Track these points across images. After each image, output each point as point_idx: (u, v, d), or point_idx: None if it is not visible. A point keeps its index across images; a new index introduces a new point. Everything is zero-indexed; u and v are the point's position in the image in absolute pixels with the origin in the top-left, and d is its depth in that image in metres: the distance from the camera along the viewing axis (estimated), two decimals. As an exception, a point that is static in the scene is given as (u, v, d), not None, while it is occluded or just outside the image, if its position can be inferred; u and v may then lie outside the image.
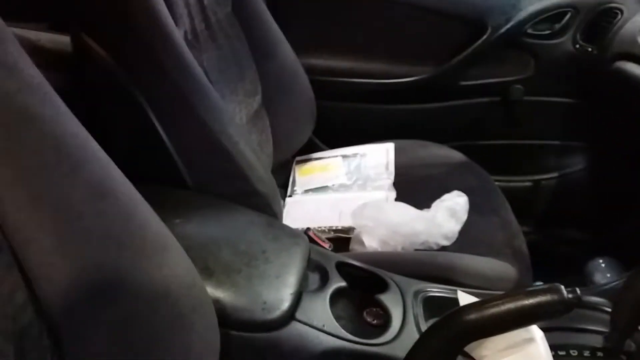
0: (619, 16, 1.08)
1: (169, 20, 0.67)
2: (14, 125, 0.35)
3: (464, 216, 0.86)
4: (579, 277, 1.15)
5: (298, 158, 1.21)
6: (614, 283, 0.80)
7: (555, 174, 1.27)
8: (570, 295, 0.46)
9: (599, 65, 1.10)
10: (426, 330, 0.52)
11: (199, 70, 0.69)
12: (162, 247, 0.44)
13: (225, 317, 0.52)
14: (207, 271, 0.54)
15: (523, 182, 1.27)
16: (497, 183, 1.18)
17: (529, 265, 0.83)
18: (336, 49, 1.24)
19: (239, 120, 0.92)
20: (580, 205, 1.26)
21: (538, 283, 1.02)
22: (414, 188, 1.04)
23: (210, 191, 0.70)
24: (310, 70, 1.15)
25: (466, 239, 0.84)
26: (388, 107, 1.26)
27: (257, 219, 0.65)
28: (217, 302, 0.51)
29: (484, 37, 1.13)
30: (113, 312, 0.38)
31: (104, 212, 0.39)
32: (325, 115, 1.20)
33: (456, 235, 0.84)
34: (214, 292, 0.53)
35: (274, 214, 0.74)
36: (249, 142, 0.79)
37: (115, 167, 0.42)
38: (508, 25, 1.11)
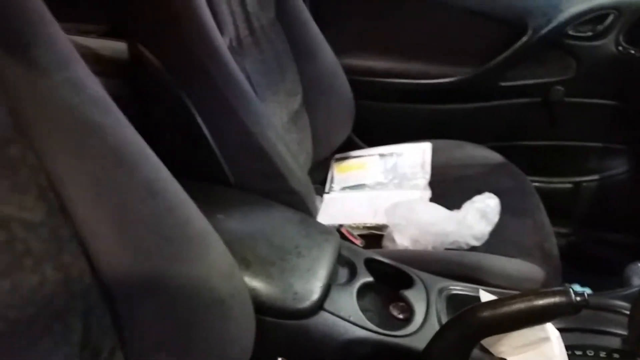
0: None
1: (215, 31, 0.72)
2: (80, 135, 0.41)
3: (495, 218, 0.88)
4: (618, 279, 1.14)
5: (337, 156, 1.25)
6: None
7: (596, 177, 1.26)
8: (578, 299, 0.48)
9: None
10: (443, 325, 0.56)
11: (241, 76, 0.74)
12: (205, 241, 0.50)
13: (260, 305, 0.57)
14: (245, 263, 0.60)
15: (563, 183, 1.26)
16: (536, 184, 1.19)
17: (558, 267, 0.84)
18: (375, 49, 1.27)
19: (279, 120, 0.98)
20: (621, 208, 1.24)
21: (575, 284, 1.03)
22: (449, 188, 1.07)
23: (250, 189, 0.76)
24: (349, 71, 1.19)
25: (497, 240, 0.86)
26: (426, 106, 1.28)
27: (292, 216, 0.71)
28: (253, 291, 0.57)
29: (525, 38, 1.13)
30: (162, 295, 0.44)
31: (155, 209, 0.45)
32: (364, 114, 1.23)
33: (486, 236, 0.86)
34: (251, 282, 0.58)
35: (308, 211, 0.79)
36: (287, 143, 0.84)
37: (165, 168, 0.48)
38: (549, 27, 1.11)
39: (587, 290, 0.96)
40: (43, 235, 0.38)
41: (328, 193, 1.16)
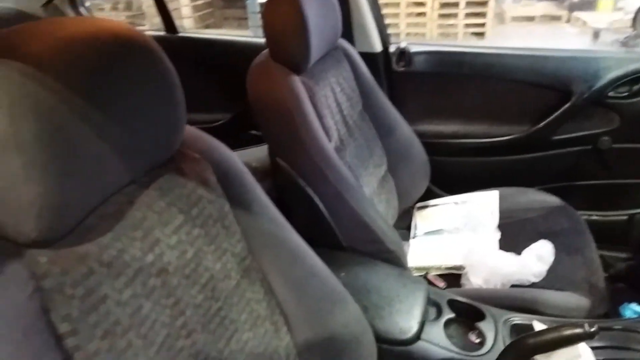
0: None
1: (326, 142, 1.03)
2: (274, 247, 0.72)
3: (550, 259, 1.10)
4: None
5: (418, 205, 1.51)
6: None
7: None
8: (591, 329, 0.72)
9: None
10: (504, 348, 0.81)
11: (347, 172, 1.04)
12: (342, 297, 0.79)
13: (378, 336, 0.85)
14: (364, 308, 0.88)
15: (619, 216, 1.43)
16: (594, 217, 1.38)
17: (604, 297, 1.04)
18: (443, 116, 1.54)
19: (371, 187, 1.27)
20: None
21: (634, 303, 1.21)
22: (514, 230, 1.28)
23: (358, 251, 1.05)
24: (423, 135, 1.46)
25: (552, 276, 1.08)
26: (490, 159, 1.52)
27: (391, 271, 0.99)
28: (372, 327, 0.85)
29: (571, 101, 1.34)
30: (325, 340, 0.74)
31: (315, 284, 0.75)
32: (439, 167, 1.49)
33: (544, 274, 1.09)
34: (371, 321, 0.87)
35: (402, 264, 1.07)
36: (378, 210, 1.13)
37: (309, 249, 0.78)
38: (591, 91, 1.31)
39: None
40: (264, 305, 0.69)
41: (413, 238, 1.42)
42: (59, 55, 0.45)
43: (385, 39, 1.53)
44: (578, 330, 0.72)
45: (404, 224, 1.48)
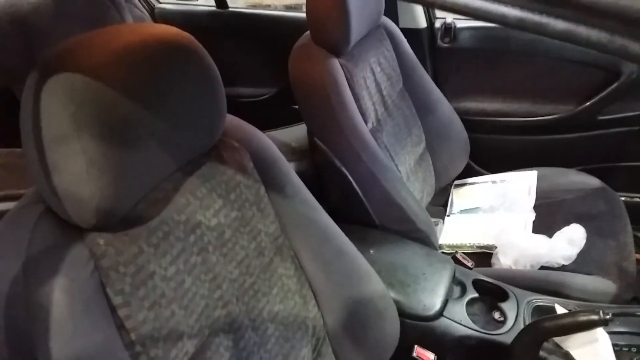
0: None
1: (362, 124, 1.07)
2: (305, 227, 0.78)
3: (581, 242, 1.12)
4: None
5: (456, 182, 1.53)
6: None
7: None
8: (606, 316, 0.75)
9: None
10: (522, 328, 0.85)
11: (381, 154, 1.09)
12: (368, 274, 0.85)
13: (402, 312, 0.91)
14: (390, 285, 0.95)
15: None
16: (635, 199, 1.36)
17: (631, 283, 1.05)
18: (486, 94, 1.53)
19: (408, 165, 1.30)
20: None
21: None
22: (551, 211, 1.29)
23: (390, 229, 1.10)
24: (465, 112, 1.46)
25: (582, 259, 1.10)
26: (532, 138, 1.51)
27: (419, 250, 1.04)
28: (397, 303, 0.91)
29: (619, 81, 1.31)
30: (350, 312, 0.80)
31: (342, 262, 0.82)
32: (479, 145, 1.50)
33: (574, 257, 1.10)
34: (396, 297, 0.93)
35: (431, 244, 1.12)
36: (416, 188, 1.17)
37: (338, 229, 0.84)
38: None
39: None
40: (294, 280, 0.77)
41: (449, 216, 1.45)
42: (115, 65, 0.52)
43: (430, 15, 1.53)
44: (593, 317, 0.75)
45: (440, 201, 1.51)
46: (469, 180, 1.52)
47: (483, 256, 1.23)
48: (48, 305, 0.47)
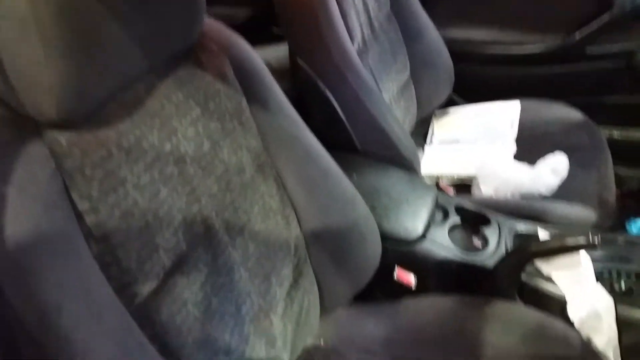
0: None
1: (348, 43, 1.01)
2: (290, 145, 0.74)
3: (564, 172, 1.11)
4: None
5: (437, 112, 1.49)
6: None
7: None
8: (594, 239, 0.75)
9: None
10: (507, 253, 0.85)
11: (367, 75, 1.04)
12: (352, 197, 0.82)
13: (384, 235, 0.88)
14: (373, 209, 0.91)
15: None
16: (615, 136, 1.36)
17: (611, 213, 1.06)
18: (473, 22, 1.47)
19: (390, 92, 1.25)
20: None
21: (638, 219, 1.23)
22: (533, 143, 1.28)
23: (372, 155, 1.07)
24: (451, 41, 1.40)
25: (563, 189, 1.10)
26: (518, 69, 1.47)
27: (403, 176, 1.02)
28: (379, 226, 0.88)
29: (610, 12, 1.27)
30: (334, 234, 0.78)
31: (327, 182, 0.78)
32: (463, 76, 1.45)
33: (555, 187, 1.10)
34: (378, 220, 0.90)
35: (414, 170, 1.09)
36: (397, 116, 1.13)
37: (323, 149, 0.80)
38: (634, 4, 1.23)
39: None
40: (276, 200, 0.73)
41: (429, 145, 1.42)
42: None
43: None
44: (581, 239, 0.75)
45: (421, 132, 1.47)
46: (451, 110, 1.49)
47: (463, 187, 1.22)
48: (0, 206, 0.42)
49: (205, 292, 0.58)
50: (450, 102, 1.51)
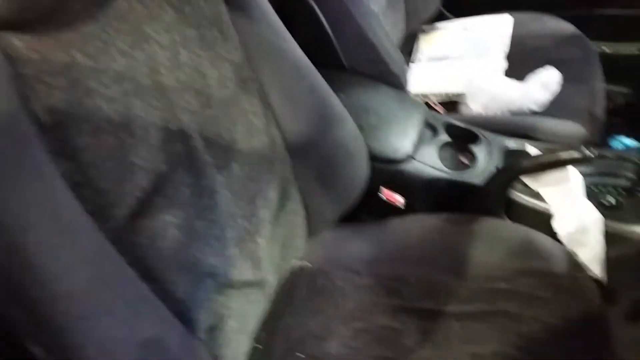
0: None
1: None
2: (275, 56, 0.69)
3: (554, 87, 1.08)
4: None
5: (424, 27, 1.42)
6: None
7: None
8: (589, 153, 0.73)
9: None
10: (496, 170, 0.83)
11: (355, -16, 0.96)
12: (341, 115, 0.79)
13: (372, 155, 0.86)
14: (361, 128, 0.88)
15: (630, 49, 1.36)
16: (605, 49, 1.32)
17: (600, 128, 1.04)
18: None
19: (379, 6, 1.17)
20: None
21: (622, 136, 1.22)
22: (523, 57, 1.22)
23: (360, 72, 1.01)
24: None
25: (553, 105, 1.07)
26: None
27: (392, 93, 0.97)
28: (367, 146, 0.86)
29: None
30: (321, 150, 0.75)
31: (310, 95, 0.73)
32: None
33: (546, 102, 1.07)
34: (366, 140, 0.87)
35: (403, 88, 1.05)
36: (387, 33, 1.06)
37: (311, 64, 0.75)
38: None
39: (632, 142, 1.17)
40: (261, 118, 0.68)
41: (415, 62, 1.36)
42: None
43: None
44: (575, 152, 0.73)
45: (407, 48, 1.41)
46: (438, 25, 1.42)
47: (452, 105, 1.18)
48: None
49: (189, 215, 0.55)
50: (438, 17, 1.44)
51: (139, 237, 0.50)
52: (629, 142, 1.15)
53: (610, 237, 0.78)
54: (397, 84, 1.02)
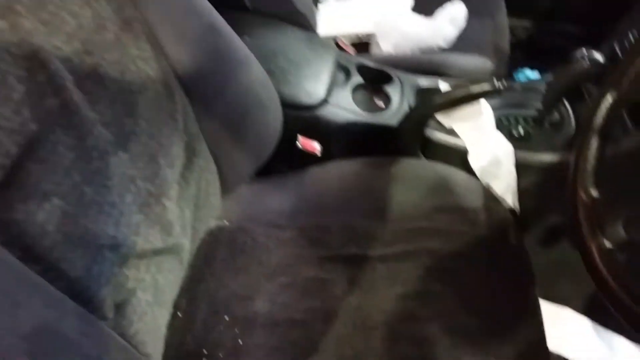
0: None
1: None
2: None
3: (461, 23, 1.07)
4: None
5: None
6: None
7: None
8: (499, 85, 0.73)
9: None
10: (411, 109, 0.81)
11: None
12: (247, 58, 0.72)
13: (284, 101, 0.81)
14: (270, 72, 0.82)
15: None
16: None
17: (506, 61, 1.06)
18: None
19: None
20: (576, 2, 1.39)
21: (525, 69, 1.26)
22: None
23: (265, 13, 0.94)
24: None
25: (461, 40, 1.07)
26: None
27: (300, 35, 0.91)
28: (278, 92, 0.80)
29: None
30: (226, 96, 0.68)
31: (209, 37, 0.66)
32: None
33: (453, 38, 1.07)
34: (277, 86, 0.81)
35: (312, 28, 0.99)
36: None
37: (207, 1, 0.67)
38: None
39: (535, 74, 1.21)
40: (153, 65, 0.60)
41: (322, 3, 1.30)
42: None
43: None
44: (485, 85, 0.73)
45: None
46: (345, -37, 1.35)
47: (362, 46, 1.15)
48: None
49: (74, 181, 0.47)
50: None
51: (11, 212, 0.42)
52: (532, 74, 1.19)
53: (521, 167, 0.80)
54: (305, 24, 0.96)
